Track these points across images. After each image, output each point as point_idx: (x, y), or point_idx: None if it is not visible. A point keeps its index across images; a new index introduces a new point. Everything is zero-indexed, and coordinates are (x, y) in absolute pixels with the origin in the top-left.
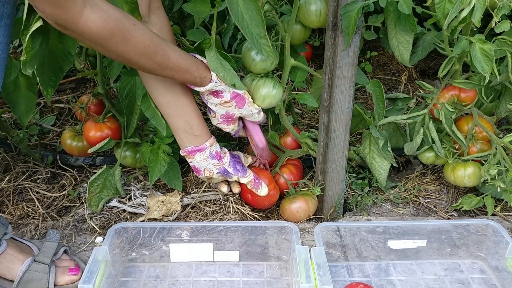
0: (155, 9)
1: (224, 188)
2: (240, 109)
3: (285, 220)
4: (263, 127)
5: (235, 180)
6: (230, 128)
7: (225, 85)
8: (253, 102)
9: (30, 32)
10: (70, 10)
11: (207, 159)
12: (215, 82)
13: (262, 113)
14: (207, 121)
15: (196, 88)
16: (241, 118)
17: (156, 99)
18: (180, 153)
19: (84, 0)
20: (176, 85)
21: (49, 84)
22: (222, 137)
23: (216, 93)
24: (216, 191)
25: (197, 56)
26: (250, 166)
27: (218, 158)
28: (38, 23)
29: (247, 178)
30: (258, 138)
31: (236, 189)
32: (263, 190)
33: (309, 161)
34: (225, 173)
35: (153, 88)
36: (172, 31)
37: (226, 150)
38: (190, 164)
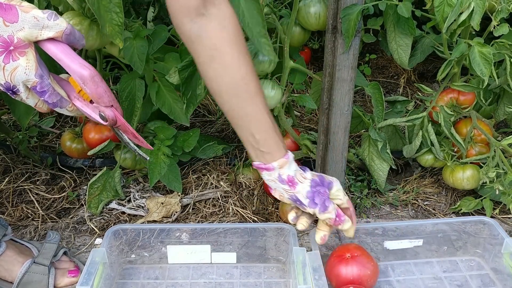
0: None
1: (291, 217)
2: (10, 22)
3: (284, 222)
4: None
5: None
6: (15, 64)
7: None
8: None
9: None
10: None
11: (275, 181)
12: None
13: (58, 18)
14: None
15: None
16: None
17: (222, 106)
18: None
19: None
20: (243, 91)
21: None
22: (222, 139)
23: (288, 181)
24: (215, 189)
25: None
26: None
27: (290, 184)
28: None
29: (327, 215)
30: (75, 63)
31: (300, 226)
32: (345, 225)
33: (308, 164)
34: (298, 203)
35: (215, 93)
36: (238, 25)
37: (308, 174)
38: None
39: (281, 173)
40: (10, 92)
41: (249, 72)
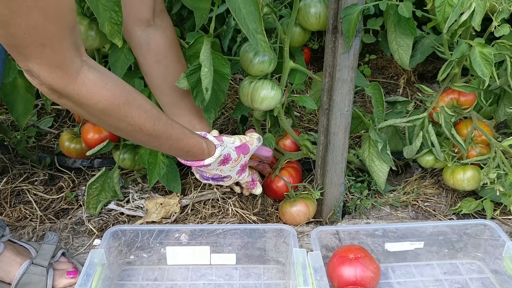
0: (159, 12)
1: (237, 188)
2: (247, 154)
3: (284, 223)
4: (262, 129)
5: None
6: (246, 173)
7: (227, 143)
8: (251, 136)
9: None
10: (68, 69)
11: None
12: (220, 146)
13: (260, 136)
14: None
15: (206, 161)
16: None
17: (160, 99)
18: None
19: (82, 60)
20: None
21: None
22: None
23: (225, 160)
24: (213, 190)
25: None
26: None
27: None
28: None
29: (245, 180)
30: (264, 152)
31: (237, 189)
32: (257, 190)
33: (307, 164)
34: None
35: (157, 88)
36: (175, 33)
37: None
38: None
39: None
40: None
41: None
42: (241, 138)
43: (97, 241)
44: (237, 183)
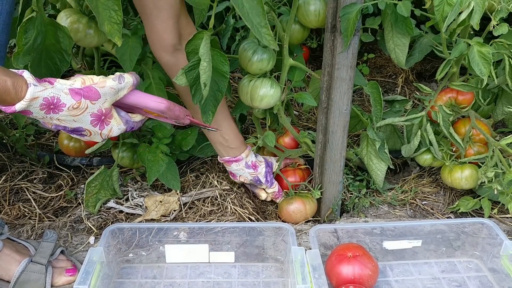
0: (187, 35)
1: (263, 195)
2: (98, 100)
3: (283, 221)
4: (262, 127)
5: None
6: (109, 127)
7: (59, 84)
8: (105, 77)
9: (22, 24)
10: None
11: (243, 169)
12: (34, 86)
13: (124, 74)
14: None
15: (17, 107)
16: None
17: (195, 115)
18: (218, 159)
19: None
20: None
21: None
22: None
23: (50, 104)
24: (213, 188)
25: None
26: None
27: (254, 167)
28: (30, 14)
29: (272, 189)
30: (151, 103)
31: (263, 195)
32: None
33: (311, 163)
34: (258, 182)
35: (191, 106)
36: None
37: (261, 158)
38: (227, 169)
39: (247, 160)
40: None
41: None
42: (87, 79)
43: (92, 239)
44: (264, 190)
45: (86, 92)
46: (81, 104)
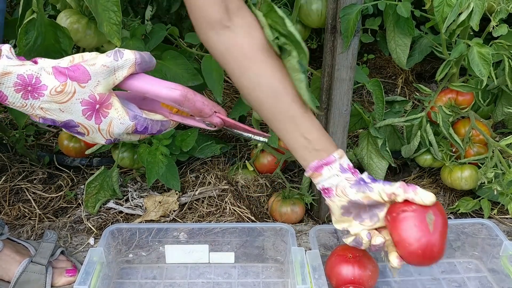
0: (236, 9)
1: (365, 236)
2: (88, 83)
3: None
4: (263, 128)
5: (378, 199)
6: (107, 120)
7: (43, 62)
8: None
9: (23, 25)
10: None
11: (337, 174)
12: (8, 58)
13: (122, 50)
14: None
15: None
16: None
17: (261, 113)
18: (305, 174)
19: None
20: (284, 94)
21: None
22: (220, 139)
23: (28, 86)
24: (213, 188)
25: None
26: None
27: (353, 170)
28: (31, 16)
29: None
30: (164, 90)
31: (378, 240)
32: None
33: None
34: (362, 182)
35: (255, 101)
36: (262, 30)
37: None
38: (318, 186)
39: (342, 162)
40: (112, 142)
41: (284, 75)
42: (77, 56)
43: (91, 240)
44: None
45: (72, 72)
46: (67, 87)
